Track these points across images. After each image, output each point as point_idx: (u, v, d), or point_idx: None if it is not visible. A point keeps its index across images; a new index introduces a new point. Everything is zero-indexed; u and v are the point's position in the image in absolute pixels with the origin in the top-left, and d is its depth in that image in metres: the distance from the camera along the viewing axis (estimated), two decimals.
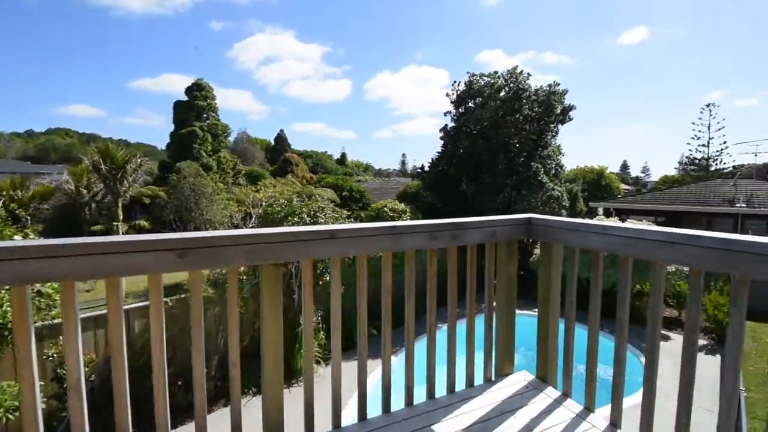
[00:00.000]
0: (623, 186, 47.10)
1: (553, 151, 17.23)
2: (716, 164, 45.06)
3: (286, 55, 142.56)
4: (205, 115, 27.83)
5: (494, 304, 2.42)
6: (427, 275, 2.14)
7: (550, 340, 2.42)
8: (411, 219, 11.33)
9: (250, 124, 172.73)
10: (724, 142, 44.64)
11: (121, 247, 1.37)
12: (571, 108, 16.54)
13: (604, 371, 2.70)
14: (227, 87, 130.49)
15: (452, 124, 17.21)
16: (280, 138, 53.41)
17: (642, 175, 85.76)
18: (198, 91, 27.66)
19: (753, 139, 46.16)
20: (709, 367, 8.51)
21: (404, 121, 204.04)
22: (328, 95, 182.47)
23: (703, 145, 46.02)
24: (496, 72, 16.89)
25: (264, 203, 9.05)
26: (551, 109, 15.98)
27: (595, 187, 36.84)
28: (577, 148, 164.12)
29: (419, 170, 18.54)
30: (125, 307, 5.59)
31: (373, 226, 1.83)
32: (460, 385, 2.34)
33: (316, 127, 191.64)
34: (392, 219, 11.03)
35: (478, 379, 2.41)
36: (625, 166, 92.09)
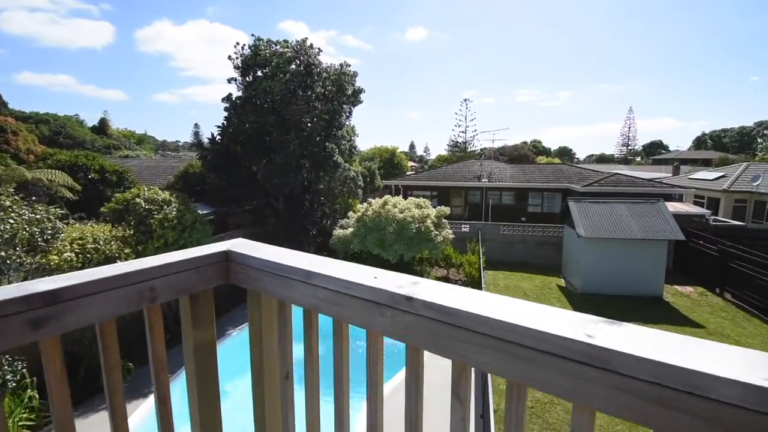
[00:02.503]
0: (411, 163, 54.98)
1: (348, 131, 17.56)
2: (471, 147, 58.14)
3: None
4: None
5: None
6: None
7: (268, 425, 1.66)
8: (179, 212, 8.71)
9: None
10: (475, 130, 58.36)
11: None
12: (361, 90, 17.03)
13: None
14: None
15: (238, 94, 15.15)
16: None
17: (425, 154, 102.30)
18: None
19: (492, 128, 62.27)
20: None
21: (196, 85, 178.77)
22: (79, 39, 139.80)
23: (463, 132, 58.88)
24: (285, 41, 15.63)
25: None
26: (343, 89, 16.01)
27: (389, 164, 41.57)
28: (374, 128, 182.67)
29: (198, 146, 15.66)
30: None
31: None
32: None
33: (59, 80, 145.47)
34: (148, 213, 8.32)
35: None
36: (412, 146, 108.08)
